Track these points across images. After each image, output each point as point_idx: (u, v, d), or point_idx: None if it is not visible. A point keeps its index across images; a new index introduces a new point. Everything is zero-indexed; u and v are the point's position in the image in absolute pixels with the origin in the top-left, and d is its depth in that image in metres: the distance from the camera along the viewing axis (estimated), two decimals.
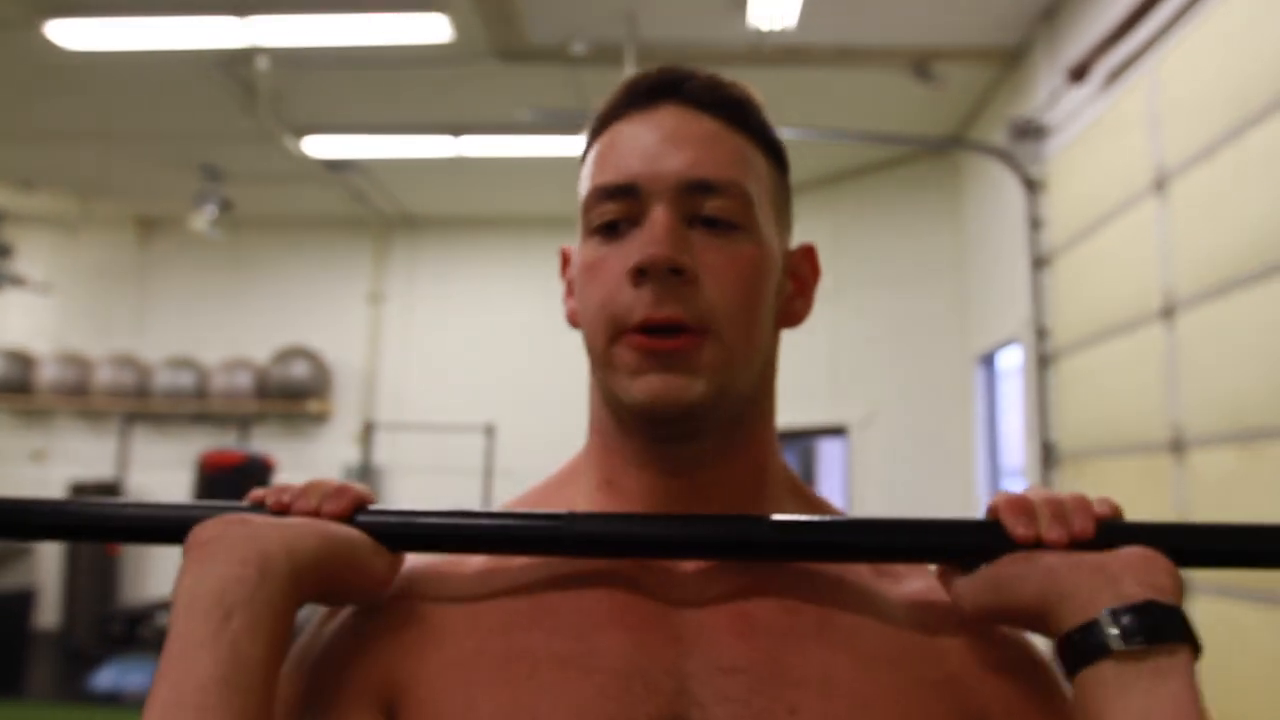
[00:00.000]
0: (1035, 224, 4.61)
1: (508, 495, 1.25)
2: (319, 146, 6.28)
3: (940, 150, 6.18)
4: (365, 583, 0.59)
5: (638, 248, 0.61)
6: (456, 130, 6.10)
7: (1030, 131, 4.66)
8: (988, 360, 5.86)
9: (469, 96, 5.66)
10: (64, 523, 0.70)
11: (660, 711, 0.55)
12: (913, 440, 6.14)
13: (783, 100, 5.64)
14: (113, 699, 5.75)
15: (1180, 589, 0.55)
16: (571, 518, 0.62)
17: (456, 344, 8.08)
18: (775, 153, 0.72)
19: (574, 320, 0.73)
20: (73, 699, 5.78)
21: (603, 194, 0.64)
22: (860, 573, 0.64)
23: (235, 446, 7.05)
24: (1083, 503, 0.60)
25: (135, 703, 5.69)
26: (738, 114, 0.67)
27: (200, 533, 0.57)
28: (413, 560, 0.64)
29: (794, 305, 0.76)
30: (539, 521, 0.63)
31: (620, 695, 0.55)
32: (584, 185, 0.68)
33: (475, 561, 0.64)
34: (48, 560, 7.85)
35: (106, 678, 5.89)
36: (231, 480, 3.85)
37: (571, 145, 6.15)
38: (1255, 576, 2.76)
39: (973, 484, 5.84)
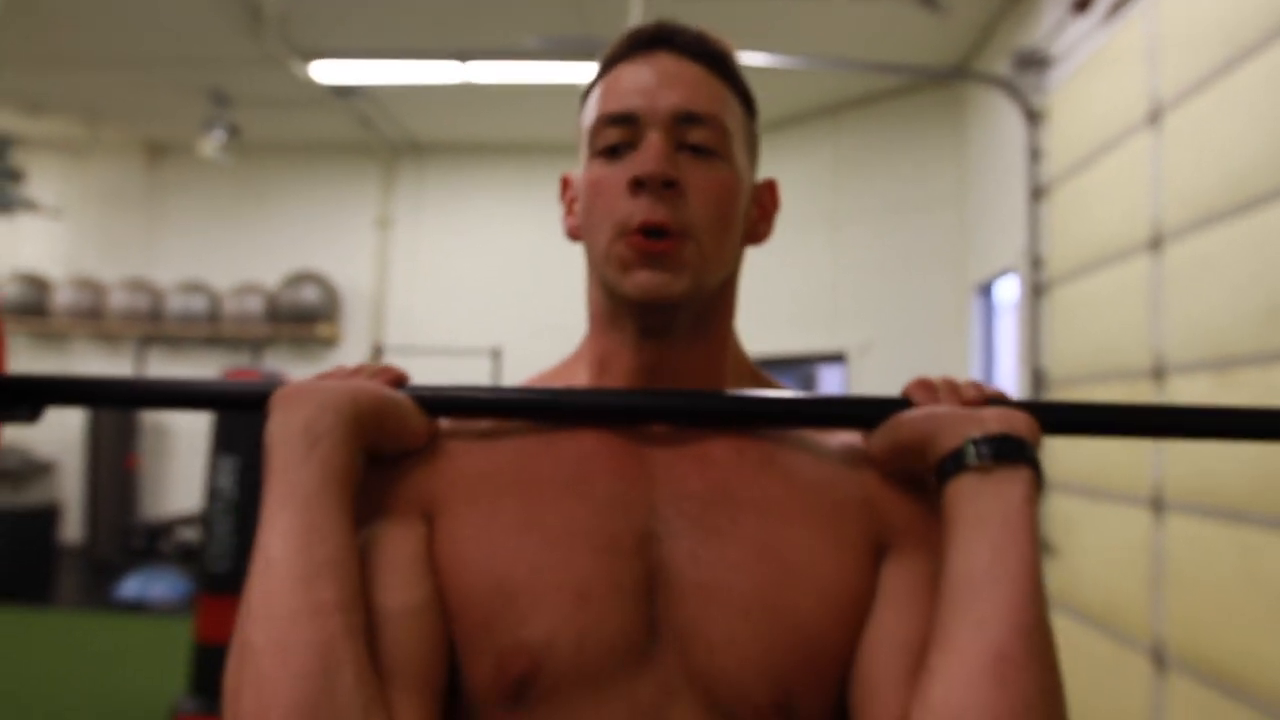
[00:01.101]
0: (1035, 155, 4.67)
1: None
2: (326, 71, 6.30)
3: (944, 80, 6.18)
4: (407, 436, 0.75)
5: (637, 164, 0.74)
6: (463, 56, 6.11)
7: (1034, 62, 4.69)
8: (985, 290, 5.95)
9: (475, 22, 5.67)
10: (175, 396, 0.89)
11: (635, 527, 0.72)
12: (910, 368, 6.22)
13: (788, 28, 5.64)
14: (138, 607, 6.02)
15: (1035, 435, 0.70)
16: (570, 392, 0.79)
17: (463, 269, 8.18)
18: (747, 100, 0.84)
19: (574, 234, 0.85)
20: (99, 607, 6.05)
21: (607, 121, 0.77)
22: (801, 431, 0.79)
23: (249, 368, 7.22)
24: (976, 385, 0.75)
25: (159, 610, 5.97)
26: (719, 64, 0.80)
27: (284, 390, 0.73)
28: (441, 421, 0.79)
29: (758, 228, 0.85)
30: (544, 394, 0.79)
31: (607, 515, 0.72)
32: (589, 115, 0.80)
33: (492, 423, 0.80)
34: (69, 477, 8.10)
35: (131, 587, 6.15)
36: None
37: (576, 72, 6.17)
38: (1222, 497, 2.92)
39: None
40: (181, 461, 8.01)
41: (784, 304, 6.92)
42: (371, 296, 8.24)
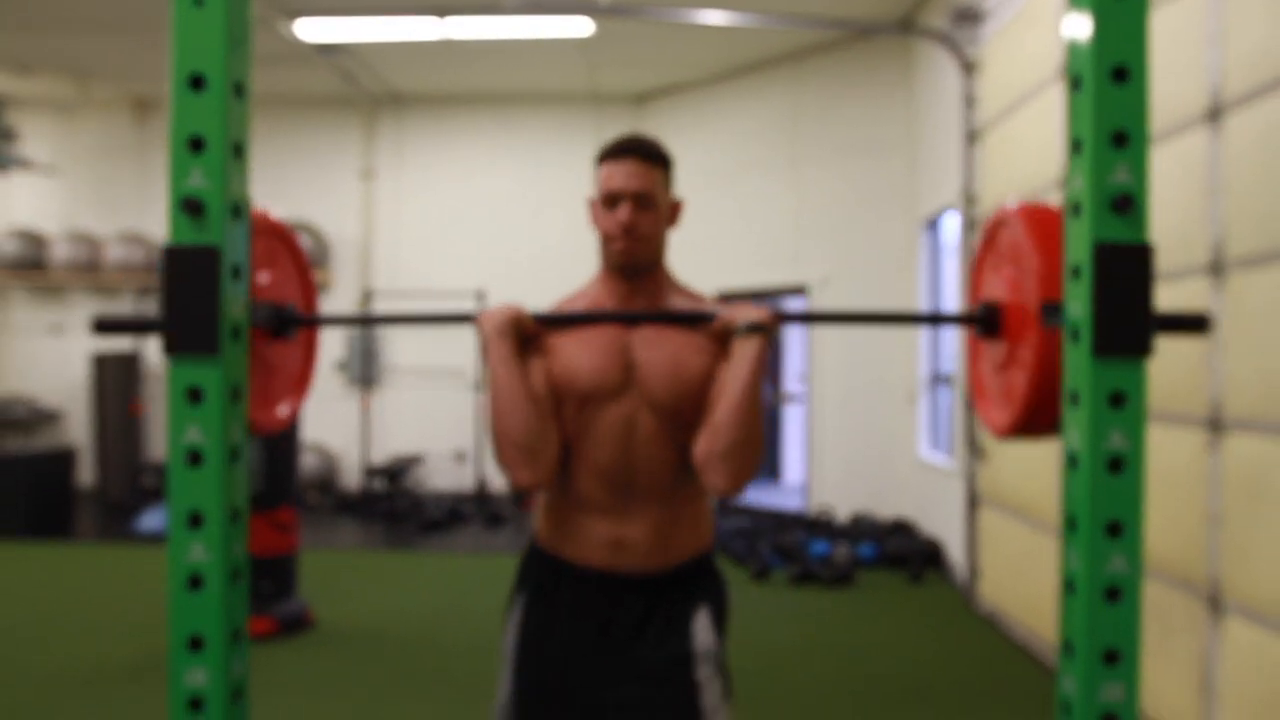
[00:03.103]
0: (969, 102, 5.15)
1: None
2: (310, 29, 6.63)
3: (892, 33, 6.62)
4: (531, 329, 1.62)
5: (618, 216, 1.61)
6: (441, 11, 6.46)
7: (970, 16, 5.14)
8: (932, 225, 6.48)
9: None
10: (409, 319, 1.73)
11: (622, 349, 1.63)
12: (865, 298, 6.81)
13: None
14: (157, 539, 6.53)
15: (776, 322, 1.57)
16: (592, 314, 1.65)
17: (446, 215, 8.60)
18: (667, 165, 1.67)
19: (594, 222, 1.67)
20: (119, 540, 6.56)
21: (607, 194, 1.62)
22: (695, 322, 1.66)
23: None
24: (753, 305, 1.63)
25: None
26: (658, 159, 1.65)
27: (484, 313, 1.61)
28: (552, 308, 1.70)
29: (673, 220, 1.69)
30: (582, 315, 1.64)
31: (607, 355, 1.63)
32: (600, 182, 1.64)
33: (570, 334, 1.66)
34: (76, 425, 8.54)
35: (150, 521, 6.65)
36: None
37: (551, 26, 6.54)
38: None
39: (915, 336, 6.56)
40: None
41: (750, 243, 7.43)
42: (359, 244, 8.65)
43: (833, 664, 4.08)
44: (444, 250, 8.50)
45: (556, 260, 8.01)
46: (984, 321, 1.58)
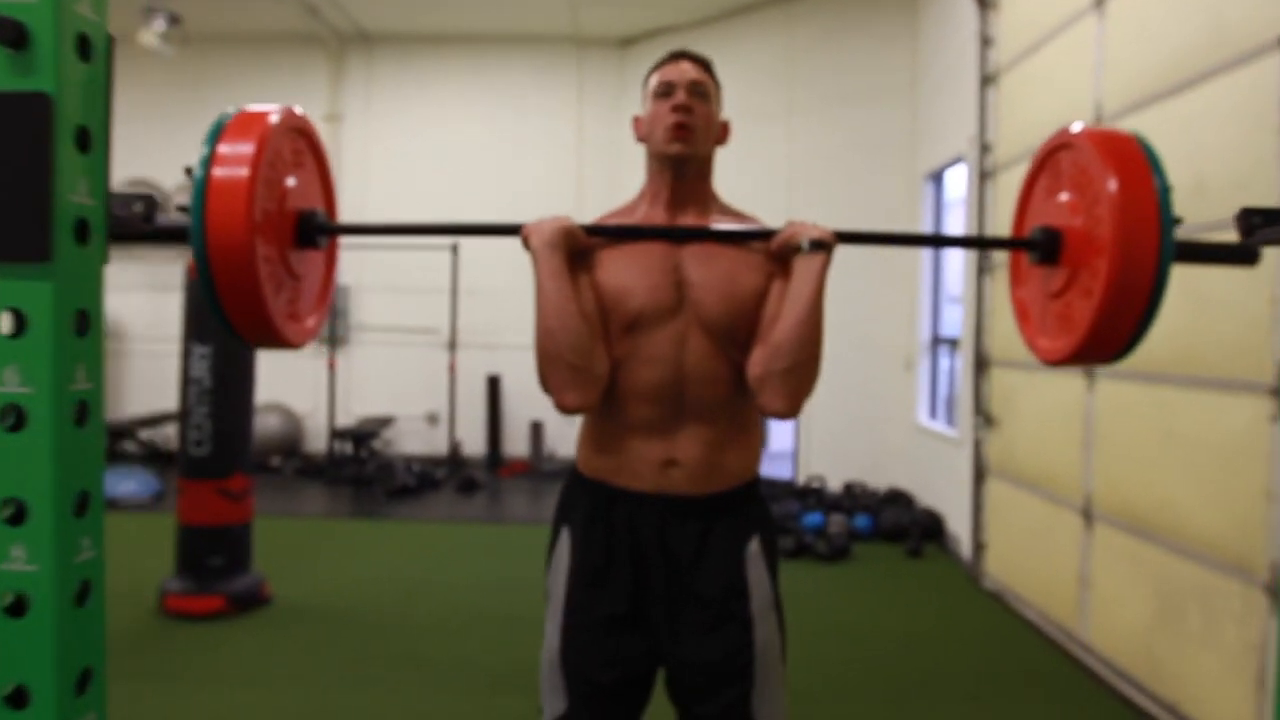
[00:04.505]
0: (985, 42, 4.76)
1: (473, 313, 6.34)
2: None
3: None
4: (581, 241, 1.53)
5: (673, 100, 1.57)
6: None
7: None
8: (936, 178, 6.11)
9: None
10: (457, 229, 1.67)
11: (671, 266, 1.55)
12: (863, 255, 6.43)
13: None
14: (109, 505, 6.11)
15: (833, 239, 1.51)
16: (636, 228, 1.58)
17: (417, 163, 8.12)
18: (717, 84, 1.63)
19: (641, 137, 1.63)
20: None
21: (660, 85, 1.59)
22: (747, 238, 1.59)
23: None
24: (814, 225, 1.54)
25: (129, 507, 6.07)
26: (706, 67, 1.62)
27: (531, 225, 1.53)
28: (597, 222, 1.63)
29: (722, 137, 1.65)
30: (635, 226, 1.58)
31: (658, 273, 1.54)
32: (651, 84, 1.61)
33: (618, 247, 1.59)
34: None
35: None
36: None
37: None
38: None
39: (917, 298, 6.21)
40: (138, 363, 8.00)
41: (739, 197, 6.94)
42: None
43: (833, 645, 3.76)
44: (415, 199, 8.02)
45: (534, 211, 7.42)
46: (1043, 247, 1.53)
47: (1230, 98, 2.77)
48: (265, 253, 1.28)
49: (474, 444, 7.98)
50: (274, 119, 1.29)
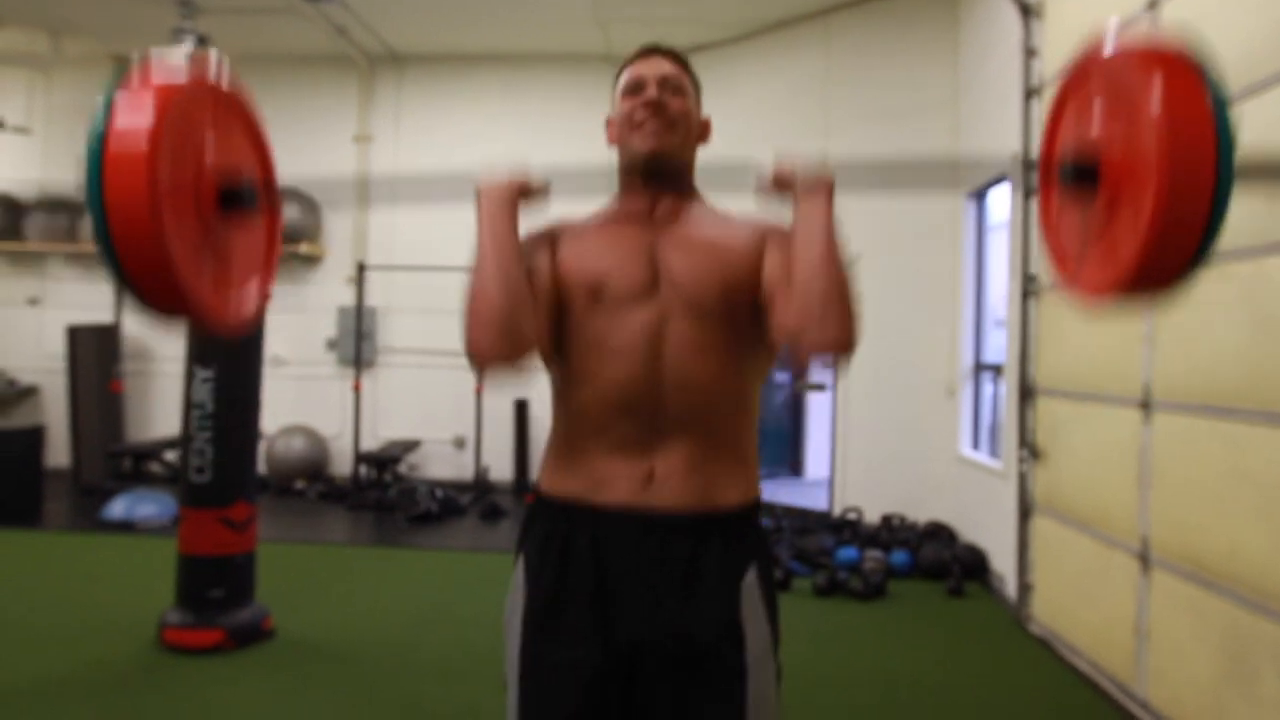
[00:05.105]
0: (1030, 53, 4.52)
1: None
2: None
3: None
4: (536, 197, 1.41)
5: (644, 95, 1.44)
6: None
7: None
8: (979, 196, 5.84)
9: None
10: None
11: (647, 245, 1.40)
12: (901, 278, 6.19)
13: None
14: (125, 527, 6.01)
15: (832, 185, 1.33)
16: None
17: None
18: (695, 81, 1.51)
19: (612, 141, 1.50)
20: (87, 529, 6.04)
21: (630, 83, 1.46)
22: (730, 219, 1.46)
23: None
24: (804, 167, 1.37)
25: (146, 530, 5.96)
26: (681, 62, 1.49)
27: (484, 183, 1.41)
28: (558, 220, 1.48)
29: (703, 137, 1.52)
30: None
31: (632, 248, 1.40)
32: (621, 83, 1.48)
33: (583, 226, 1.48)
34: (55, 402, 8.03)
35: (118, 508, 6.14)
36: None
37: None
38: (1214, 394, 2.87)
39: (958, 322, 5.94)
40: (166, 383, 7.94)
41: (776, 219, 6.78)
42: (353, 214, 8.08)
43: (865, 692, 3.50)
44: (444, 221, 7.89)
45: None
46: (1079, 171, 1.36)
47: None
48: (178, 225, 1.20)
49: (501, 469, 7.81)
50: (178, 82, 1.22)
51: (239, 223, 1.38)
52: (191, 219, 1.24)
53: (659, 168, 1.42)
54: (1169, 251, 1.25)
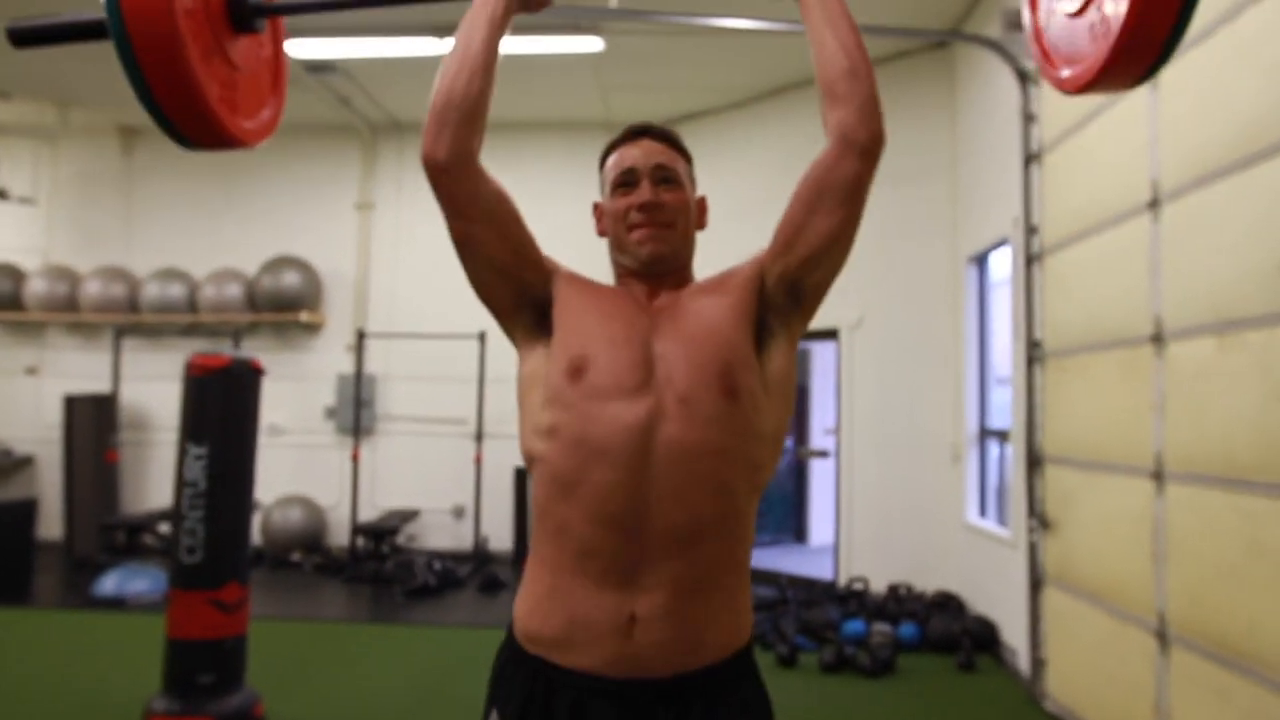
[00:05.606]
0: (1028, 118, 4.53)
1: (501, 403, 6.15)
2: (300, 47, 6.13)
3: (936, 43, 6.04)
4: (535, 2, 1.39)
5: (637, 195, 1.40)
6: (440, 32, 5.95)
7: (1024, 22, 4.53)
8: (980, 260, 5.82)
9: None
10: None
11: (642, 329, 1.32)
12: (902, 343, 6.15)
13: None
14: (116, 603, 5.88)
15: None
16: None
17: (447, 251, 7.96)
18: (688, 157, 1.47)
19: (602, 233, 1.46)
20: (78, 605, 5.91)
21: (620, 175, 1.41)
22: (725, 281, 1.40)
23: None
24: None
25: (138, 607, 5.83)
26: (674, 142, 1.46)
27: None
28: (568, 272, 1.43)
29: (700, 220, 1.48)
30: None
31: (627, 330, 1.31)
32: (609, 171, 1.44)
33: (588, 281, 1.41)
34: (50, 472, 7.94)
35: (110, 584, 6.01)
36: (219, 382, 3.86)
37: (557, 45, 6.00)
38: (1232, 467, 2.78)
39: (962, 386, 5.87)
40: (162, 452, 7.86)
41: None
42: (354, 281, 8.07)
43: None
44: (445, 289, 7.86)
45: None
46: None
47: None
48: (194, 38, 1.25)
49: (501, 539, 7.68)
50: None
51: (247, 43, 1.44)
52: (201, 21, 1.29)
53: (659, 270, 1.39)
54: (1154, 15, 1.25)
